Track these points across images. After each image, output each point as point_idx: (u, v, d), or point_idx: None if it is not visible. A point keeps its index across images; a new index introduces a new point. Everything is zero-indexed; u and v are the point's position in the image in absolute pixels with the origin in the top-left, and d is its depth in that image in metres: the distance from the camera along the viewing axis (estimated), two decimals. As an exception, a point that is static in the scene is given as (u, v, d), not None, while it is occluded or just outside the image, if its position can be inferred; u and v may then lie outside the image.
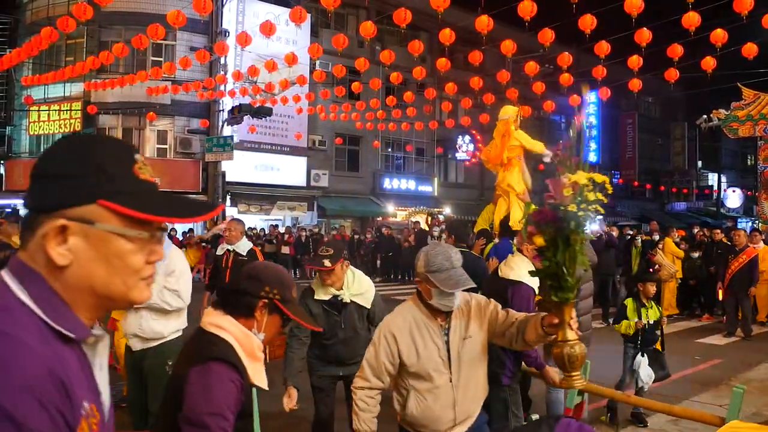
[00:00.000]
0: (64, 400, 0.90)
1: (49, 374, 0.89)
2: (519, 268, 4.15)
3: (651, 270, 10.16)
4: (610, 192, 2.19)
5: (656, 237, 13.07)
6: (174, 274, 4.06)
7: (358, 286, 4.01)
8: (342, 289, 3.94)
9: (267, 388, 2.11)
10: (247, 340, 2.06)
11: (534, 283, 4.17)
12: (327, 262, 3.82)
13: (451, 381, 2.72)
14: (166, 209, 1.05)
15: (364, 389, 2.82)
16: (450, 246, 2.86)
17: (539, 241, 2.20)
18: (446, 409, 2.73)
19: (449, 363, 2.72)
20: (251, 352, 2.06)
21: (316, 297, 3.97)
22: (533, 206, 6.58)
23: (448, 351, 2.73)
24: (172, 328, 4.19)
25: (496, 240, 6.46)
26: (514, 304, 3.82)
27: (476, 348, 2.77)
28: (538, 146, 7.12)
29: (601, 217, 2.16)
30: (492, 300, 2.88)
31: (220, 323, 2.07)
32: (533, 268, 4.16)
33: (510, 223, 6.28)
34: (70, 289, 0.98)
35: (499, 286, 4.07)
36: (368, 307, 4.04)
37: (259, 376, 2.07)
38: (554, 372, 3.69)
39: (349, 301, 3.96)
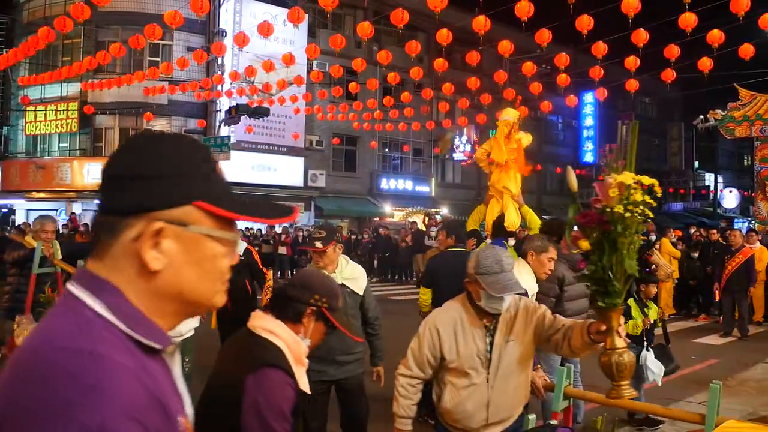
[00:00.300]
0: (165, 422, 0.86)
1: (148, 395, 0.84)
2: (519, 273, 4.17)
3: (648, 270, 10.21)
4: (659, 195, 2.11)
5: (653, 237, 13.07)
6: None
7: (350, 272, 4.01)
8: (334, 273, 3.93)
9: (309, 392, 2.13)
10: (296, 346, 2.10)
11: (532, 287, 4.20)
12: (319, 244, 3.83)
13: (487, 381, 2.74)
14: (256, 211, 1.00)
15: (406, 377, 2.87)
16: (502, 249, 2.84)
17: (585, 245, 2.14)
18: (479, 407, 2.75)
19: (488, 363, 2.74)
20: (299, 358, 2.10)
21: None
22: (526, 208, 6.54)
23: (490, 352, 2.74)
24: (189, 326, 4.29)
25: (488, 240, 6.48)
26: None
27: (519, 351, 2.77)
28: (528, 138, 7.13)
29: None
30: (542, 305, 2.88)
31: (272, 328, 2.10)
32: (533, 275, 4.21)
33: (506, 224, 6.28)
34: (155, 296, 0.92)
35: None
36: (360, 294, 4.03)
37: (303, 380, 2.10)
38: (538, 379, 3.67)
39: (341, 283, 3.92)
